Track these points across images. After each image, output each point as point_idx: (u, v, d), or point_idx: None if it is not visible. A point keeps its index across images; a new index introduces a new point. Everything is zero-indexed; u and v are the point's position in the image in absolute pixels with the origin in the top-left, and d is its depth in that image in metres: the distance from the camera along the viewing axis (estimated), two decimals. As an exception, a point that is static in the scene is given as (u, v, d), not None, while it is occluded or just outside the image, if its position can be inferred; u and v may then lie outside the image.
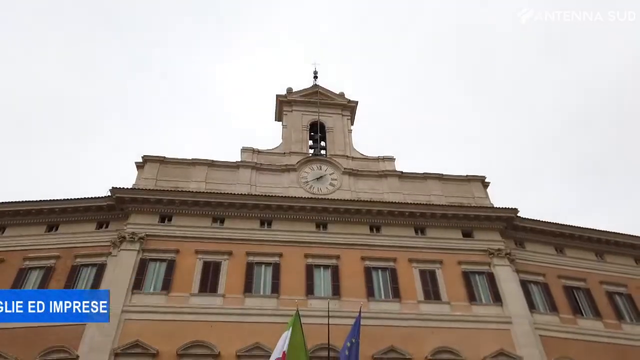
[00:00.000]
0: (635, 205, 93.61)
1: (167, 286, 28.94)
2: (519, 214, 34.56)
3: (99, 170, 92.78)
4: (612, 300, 33.08)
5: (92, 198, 32.03)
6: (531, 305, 31.11)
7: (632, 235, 36.64)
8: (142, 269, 29.45)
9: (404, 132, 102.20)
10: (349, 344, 24.62)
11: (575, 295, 32.74)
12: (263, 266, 30.83)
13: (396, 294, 30.43)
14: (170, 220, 32.21)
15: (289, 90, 42.49)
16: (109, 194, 31.65)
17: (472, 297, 30.79)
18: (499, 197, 70.78)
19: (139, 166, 35.06)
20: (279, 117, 43.15)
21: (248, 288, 29.54)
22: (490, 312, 30.22)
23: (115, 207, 31.86)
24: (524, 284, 32.12)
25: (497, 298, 30.83)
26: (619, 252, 36.15)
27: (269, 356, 24.07)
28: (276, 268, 30.71)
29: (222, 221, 32.65)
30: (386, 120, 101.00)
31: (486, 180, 37.66)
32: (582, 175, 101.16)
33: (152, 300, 28.26)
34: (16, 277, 28.96)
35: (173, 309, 27.94)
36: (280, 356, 23.67)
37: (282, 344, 24.14)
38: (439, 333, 28.62)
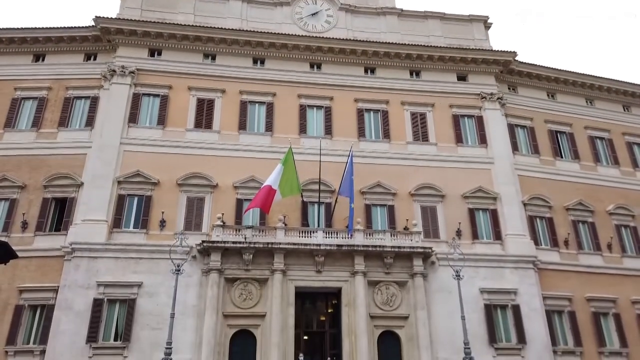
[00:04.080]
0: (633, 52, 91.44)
1: (162, 121, 29.39)
2: (516, 58, 33.91)
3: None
4: (592, 144, 34.46)
5: (75, 27, 30.56)
6: (515, 148, 32.45)
7: (623, 82, 36.54)
8: (135, 103, 29.53)
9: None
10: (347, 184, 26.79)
11: (559, 139, 33.99)
12: (257, 105, 31.02)
13: (386, 134, 31.34)
14: (160, 54, 31.27)
15: None
16: (93, 24, 30.15)
17: (459, 139, 31.87)
18: (500, 40, 68.53)
19: (121, -7, 32.70)
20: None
21: (242, 125, 30.13)
22: (474, 153, 31.58)
23: (102, 38, 30.57)
24: (511, 128, 33.07)
25: (483, 140, 31.97)
26: (609, 98, 36.44)
27: (264, 187, 26.00)
28: (270, 107, 30.95)
29: (213, 58, 31.78)
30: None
31: (488, 21, 36.00)
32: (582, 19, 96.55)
33: (149, 134, 28.91)
34: (10, 106, 29.18)
35: (170, 143, 28.79)
36: (269, 185, 25.55)
37: (274, 177, 25.81)
38: (423, 171, 30.31)
